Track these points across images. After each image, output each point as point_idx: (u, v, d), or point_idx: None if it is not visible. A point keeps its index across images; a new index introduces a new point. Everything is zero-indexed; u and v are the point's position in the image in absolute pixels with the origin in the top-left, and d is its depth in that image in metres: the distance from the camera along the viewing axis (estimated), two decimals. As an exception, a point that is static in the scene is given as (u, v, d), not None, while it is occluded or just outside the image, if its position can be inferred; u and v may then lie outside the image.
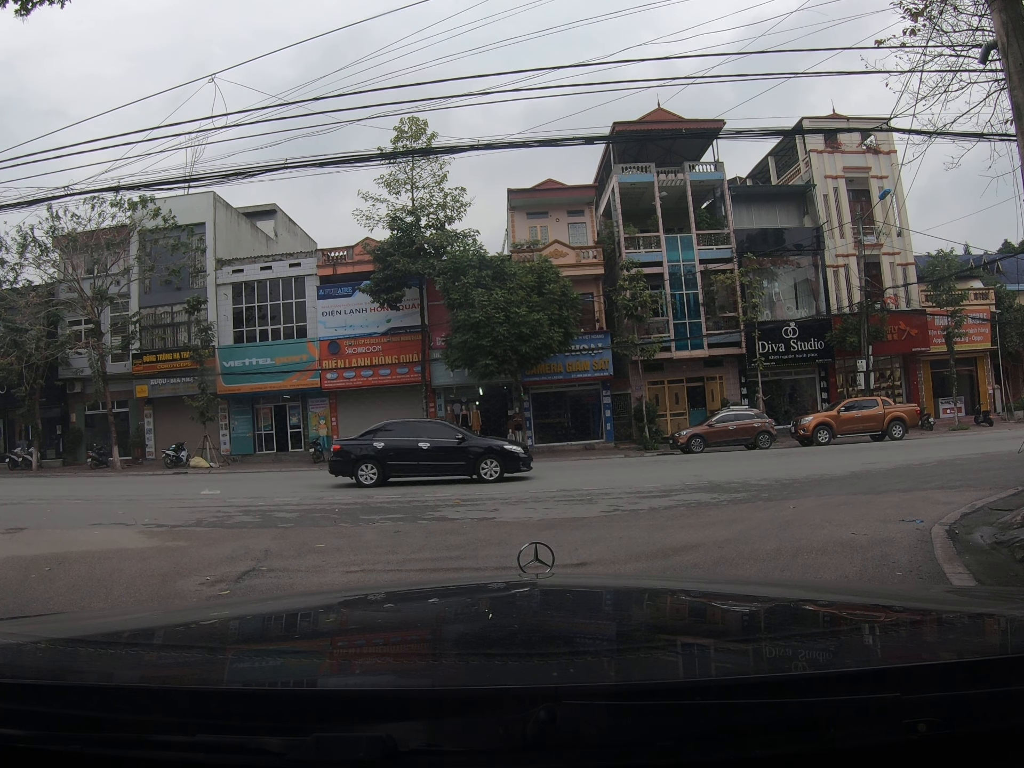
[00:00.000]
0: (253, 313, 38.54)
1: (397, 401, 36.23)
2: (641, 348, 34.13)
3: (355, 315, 36.60)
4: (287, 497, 16.29)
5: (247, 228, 44.22)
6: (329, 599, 2.82)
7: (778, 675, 1.31)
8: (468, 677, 1.40)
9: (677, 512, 11.49)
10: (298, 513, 13.47)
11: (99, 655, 1.63)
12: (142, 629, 2.04)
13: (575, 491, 15.30)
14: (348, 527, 11.35)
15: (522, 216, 38.71)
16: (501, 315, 29.71)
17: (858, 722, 1.07)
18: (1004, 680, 1.16)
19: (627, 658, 1.55)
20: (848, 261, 37.14)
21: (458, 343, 31.07)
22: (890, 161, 38.73)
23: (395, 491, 16.75)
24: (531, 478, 19.11)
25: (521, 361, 31.15)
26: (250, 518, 13.09)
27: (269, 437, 38.70)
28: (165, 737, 1.12)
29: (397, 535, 10.26)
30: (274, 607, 2.58)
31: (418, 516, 12.30)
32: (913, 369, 38.76)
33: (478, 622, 2.04)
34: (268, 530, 11.39)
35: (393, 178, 34.55)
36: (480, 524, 11.18)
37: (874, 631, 1.76)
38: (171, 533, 11.53)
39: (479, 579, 4.67)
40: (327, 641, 1.92)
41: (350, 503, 14.71)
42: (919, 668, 1.27)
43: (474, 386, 35.66)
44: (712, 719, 1.09)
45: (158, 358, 37.95)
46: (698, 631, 1.90)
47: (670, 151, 39.09)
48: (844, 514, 10.11)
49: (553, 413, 37.09)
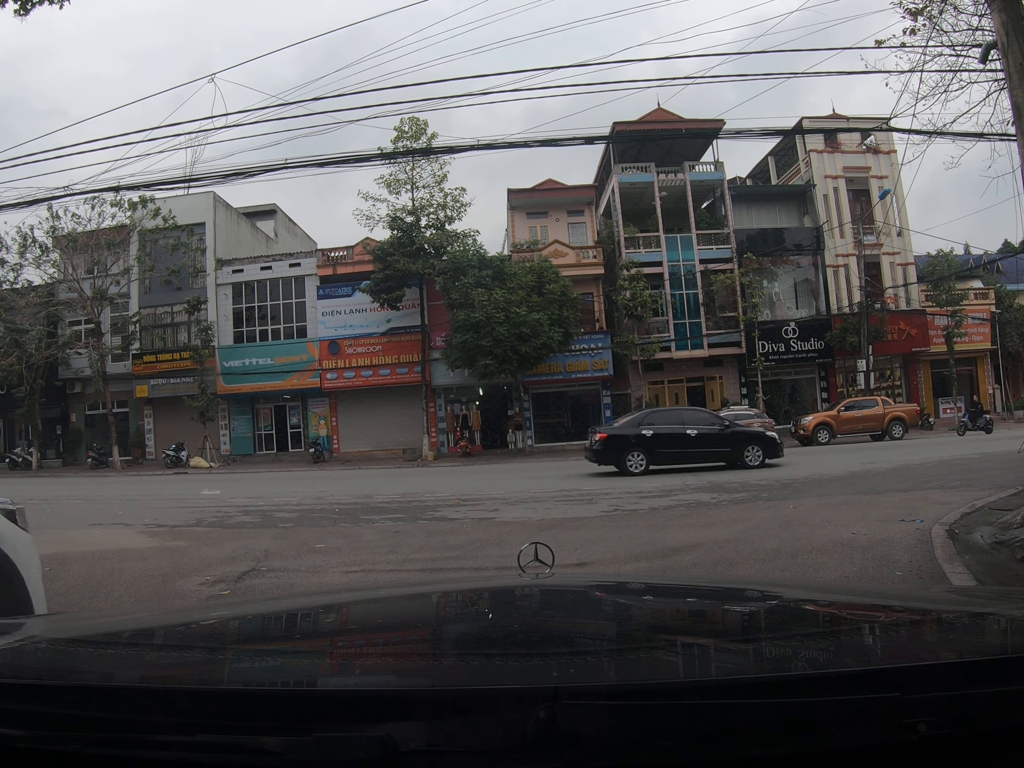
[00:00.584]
0: (253, 313, 38.54)
1: (397, 401, 36.34)
2: (641, 348, 34.15)
3: (355, 315, 36.59)
4: (287, 497, 16.28)
5: (247, 228, 44.22)
6: (329, 599, 2.83)
7: (778, 675, 1.31)
8: (468, 677, 1.40)
9: (677, 512, 11.49)
10: (298, 513, 13.47)
11: (99, 655, 1.63)
12: (142, 629, 2.03)
13: (575, 491, 15.28)
14: (348, 527, 11.35)
15: (522, 216, 38.73)
16: (501, 315, 29.70)
17: (858, 722, 1.06)
18: (1004, 680, 1.16)
19: (627, 658, 1.55)
20: (848, 261, 37.16)
21: (458, 343, 31.06)
22: (890, 161, 38.73)
23: (395, 491, 16.73)
24: (781, 465, 19.00)
25: (521, 361, 31.11)
26: (250, 518, 13.08)
27: (269, 437, 38.69)
28: (165, 737, 1.11)
29: (397, 535, 10.25)
30: (274, 607, 2.59)
31: (418, 516, 12.29)
32: (913, 369, 38.76)
33: (478, 622, 2.04)
34: (268, 530, 11.38)
35: (393, 178, 34.47)
36: (480, 524, 11.16)
37: (874, 631, 1.76)
38: (171, 533, 11.52)
39: (479, 579, 4.70)
40: (327, 641, 1.92)
41: (350, 503, 14.72)
42: (919, 668, 1.26)
43: (474, 386, 35.59)
44: (712, 719, 1.09)
45: (158, 358, 37.98)
46: (698, 631, 1.91)
47: (670, 151, 39.07)
48: (844, 514, 10.11)
49: (553, 413, 37.08)
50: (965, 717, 1.10)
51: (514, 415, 35.81)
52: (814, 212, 38.60)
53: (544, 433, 36.24)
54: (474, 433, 36.21)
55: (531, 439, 35.05)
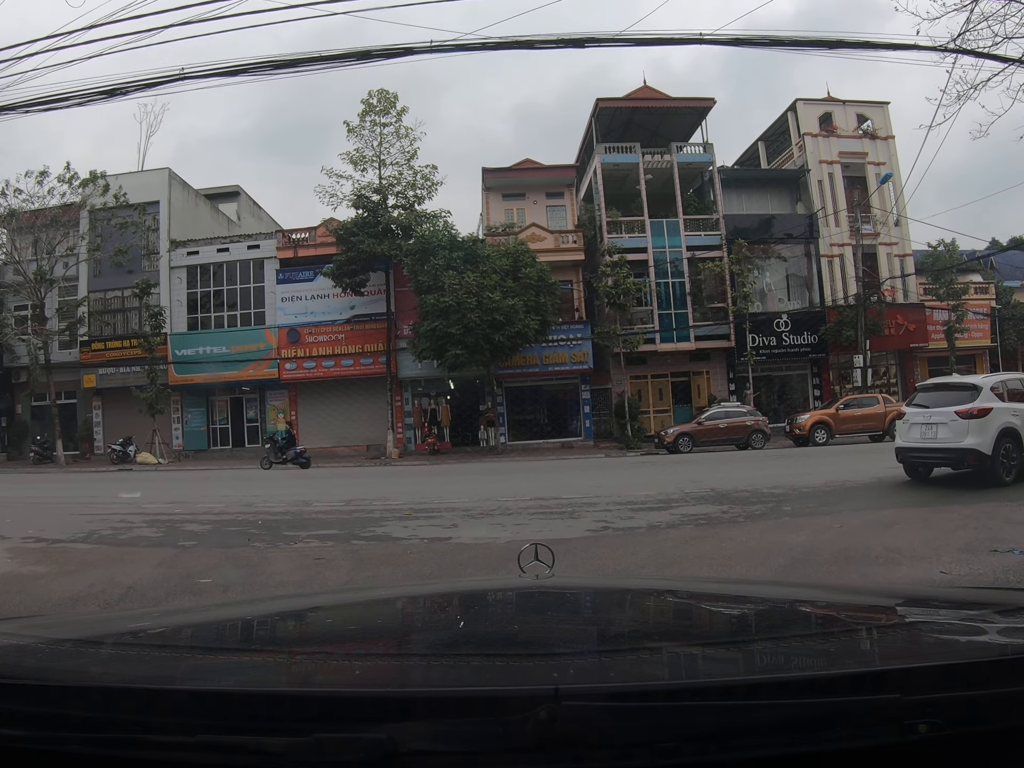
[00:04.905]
0: (208, 298, 36.02)
1: (361, 394, 33.97)
2: (624, 339, 31.85)
3: (316, 301, 34.13)
4: (212, 503, 13.67)
5: (206, 209, 41.58)
6: (330, 599, 2.86)
7: (778, 676, 1.29)
8: (468, 678, 1.37)
9: (685, 533, 8.97)
10: (212, 525, 10.88)
11: (99, 655, 1.59)
12: (142, 629, 1.99)
13: (553, 500, 12.58)
14: (260, 549, 8.77)
15: (497, 198, 36.18)
16: (473, 300, 27.22)
17: (858, 723, 1.08)
18: (1005, 681, 1.16)
19: (627, 659, 1.51)
20: (843, 251, 35.19)
21: (426, 331, 28.61)
22: (888, 148, 37.03)
23: (341, 497, 14.08)
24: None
25: (494, 351, 28.73)
26: (152, 531, 10.56)
27: (225, 432, 36.11)
28: (165, 737, 1.11)
29: (317, 564, 7.67)
30: (275, 607, 2.55)
31: (355, 533, 9.63)
32: (909, 366, 36.82)
33: (478, 623, 2.03)
34: (160, 551, 8.89)
35: (359, 155, 32.05)
36: (429, 549, 8.56)
37: (874, 632, 1.75)
38: (44, 552, 9.22)
39: (479, 580, 4.52)
40: (328, 642, 1.88)
41: (281, 512, 12.12)
42: (919, 669, 1.24)
43: (444, 379, 33.29)
44: (712, 720, 1.09)
45: (107, 345, 35.61)
46: (699, 632, 1.91)
47: (656, 133, 36.88)
48: (907, 538, 7.72)
49: (528, 409, 34.83)
50: (966, 718, 1.11)
51: (486, 410, 33.35)
52: (808, 199, 36.57)
53: (519, 430, 34.00)
54: (443, 429, 33.86)
55: (504, 436, 32.79)
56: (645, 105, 35.96)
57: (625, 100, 35.79)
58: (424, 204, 32.30)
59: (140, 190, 34.57)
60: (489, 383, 32.05)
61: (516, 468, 22.38)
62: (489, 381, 31.89)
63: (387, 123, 31.95)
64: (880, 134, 37.37)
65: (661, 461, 22.92)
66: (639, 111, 36.27)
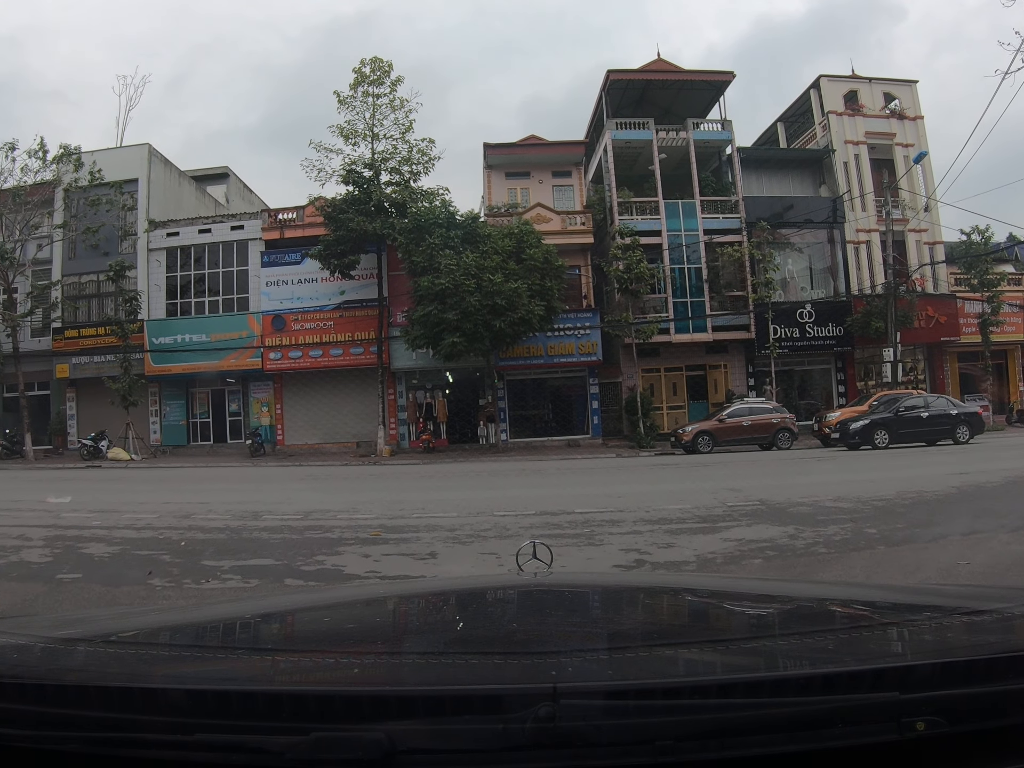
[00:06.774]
0: (189, 283, 33.80)
1: (351, 386, 31.75)
2: (635, 329, 29.43)
3: (303, 285, 31.86)
4: (145, 513, 11.11)
5: (191, 190, 39.36)
6: (329, 598, 2.81)
7: (776, 674, 1.29)
8: (467, 676, 1.35)
9: (754, 574, 6.33)
10: (121, 547, 8.34)
11: (99, 655, 1.58)
12: (141, 629, 1.98)
13: (563, 516, 9.80)
14: (157, 588, 6.23)
15: (500, 176, 33.77)
16: (472, 282, 24.91)
17: (857, 721, 1.08)
18: (1003, 679, 1.16)
19: (626, 657, 1.49)
20: (871, 237, 32.89)
21: (420, 317, 26.27)
22: (916, 128, 34.71)
23: (301, 507, 11.45)
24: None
25: (495, 339, 26.46)
26: (41, 553, 8.08)
27: (206, 426, 33.89)
28: (164, 736, 1.10)
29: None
30: (274, 606, 2.49)
31: (294, 567, 7.00)
32: (939, 361, 34.51)
33: (477, 621, 2.00)
34: (23, 587, 6.47)
35: (351, 128, 29.83)
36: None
37: (872, 630, 1.71)
38: None
39: (477, 578, 4.50)
40: (326, 640, 1.83)
41: (217, 528, 9.54)
42: (918, 667, 1.24)
43: (441, 370, 31.11)
44: (711, 718, 1.09)
45: (81, 333, 33.44)
46: (697, 630, 1.90)
47: (669, 111, 34.57)
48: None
49: (531, 403, 32.70)
50: (964, 715, 1.11)
51: (486, 405, 31.11)
52: (832, 181, 34.28)
53: (521, 427, 31.85)
54: (439, 425, 31.66)
55: (505, 433, 30.66)
56: (659, 78, 33.55)
57: (638, 72, 33.45)
58: (420, 181, 30.14)
59: (118, 167, 32.55)
60: (489, 375, 29.81)
61: (517, 469, 19.98)
62: (489, 373, 29.66)
63: (381, 94, 29.81)
64: (908, 114, 35.06)
65: (682, 463, 20.36)
66: (652, 85, 33.90)
